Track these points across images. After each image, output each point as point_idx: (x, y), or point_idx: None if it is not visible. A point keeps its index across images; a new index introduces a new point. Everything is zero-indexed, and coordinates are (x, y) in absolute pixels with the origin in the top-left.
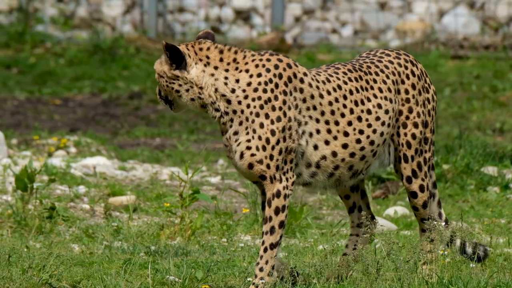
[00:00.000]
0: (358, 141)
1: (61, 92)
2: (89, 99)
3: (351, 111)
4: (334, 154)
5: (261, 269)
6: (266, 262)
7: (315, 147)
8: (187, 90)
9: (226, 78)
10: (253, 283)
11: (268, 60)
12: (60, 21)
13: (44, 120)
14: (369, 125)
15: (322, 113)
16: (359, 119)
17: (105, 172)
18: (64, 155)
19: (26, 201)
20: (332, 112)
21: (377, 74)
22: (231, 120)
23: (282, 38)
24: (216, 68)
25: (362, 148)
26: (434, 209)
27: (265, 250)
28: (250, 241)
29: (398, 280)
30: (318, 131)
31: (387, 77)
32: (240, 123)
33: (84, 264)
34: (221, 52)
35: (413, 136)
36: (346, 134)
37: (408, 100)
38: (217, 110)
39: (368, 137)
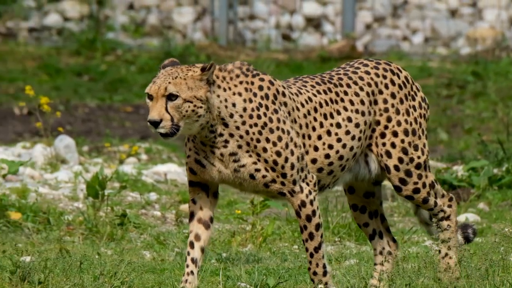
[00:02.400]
0: (327, 156)
1: (132, 99)
2: None
3: (321, 125)
4: None
5: (314, 273)
6: (317, 265)
7: None
8: (204, 116)
9: (226, 100)
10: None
11: (252, 83)
12: (131, 29)
13: (115, 127)
14: (339, 140)
15: (300, 127)
16: (329, 133)
17: (176, 179)
18: (135, 162)
19: (98, 208)
20: (306, 126)
21: (348, 86)
22: (226, 141)
23: (353, 46)
24: (219, 87)
25: (331, 164)
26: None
27: (311, 255)
28: None
29: (469, 287)
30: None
31: (361, 89)
32: (239, 147)
33: (156, 271)
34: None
35: (393, 145)
36: (316, 148)
37: (386, 110)
38: (212, 132)
39: (337, 152)
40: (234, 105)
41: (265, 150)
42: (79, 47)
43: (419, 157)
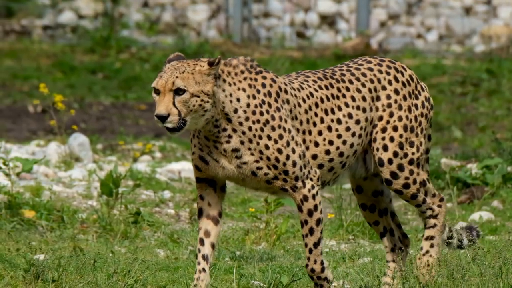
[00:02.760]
0: (327, 152)
1: (146, 97)
2: None
3: (322, 120)
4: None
5: (312, 270)
6: (315, 261)
7: None
8: (209, 110)
9: (231, 95)
10: (316, 284)
11: (256, 79)
12: (146, 26)
13: (129, 125)
14: (339, 136)
15: (301, 123)
16: (329, 128)
17: (190, 177)
18: (149, 160)
19: (111, 206)
20: (307, 121)
21: (351, 82)
22: (229, 136)
23: (367, 43)
24: (224, 81)
25: (331, 160)
26: None
27: (310, 251)
28: (335, 246)
29: (483, 286)
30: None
31: (363, 85)
32: (242, 143)
33: (169, 269)
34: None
35: (391, 139)
36: (316, 144)
37: (389, 105)
38: (216, 126)
39: (337, 148)
40: (238, 100)
41: (267, 147)
42: (93, 44)
43: (413, 153)
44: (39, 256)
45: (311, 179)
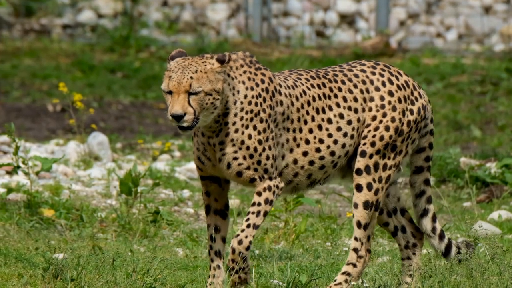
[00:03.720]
0: (318, 150)
1: None
2: None
3: (313, 119)
4: (295, 161)
5: (240, 242)
6: (246, 237)
7: (283, 157)
8: (218, 107)
9: (233, 88)
10: (231, 261)
11: (255, 74)
12: (165, 25)
13: (149, 124)
14: (330, 135)
15: (292, 121)
16: (319, 127)
17: None
18: (169, 159)
19: (131, 205)
20: (298, 119)
21: (343, 82)
22: (220, 130)
23: (386, 42)
24: (228, 76)
25: (322, 158)
26: (428, 224)
27: (248, 226)
28: None
29: (502, 285)
30: (287, 141)
31: (355, 86)
32: (227, 134)
33: (188, 268)
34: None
35: (381, 138)
36: (307, 141)
37: (383, 106)
38: (217, 122)
39: (328, 147)
40: (238, 92)
41: (249, 137)
42: (112, 44)
43: (389, 158)
44: (58, 255)
45: (278, 181)
